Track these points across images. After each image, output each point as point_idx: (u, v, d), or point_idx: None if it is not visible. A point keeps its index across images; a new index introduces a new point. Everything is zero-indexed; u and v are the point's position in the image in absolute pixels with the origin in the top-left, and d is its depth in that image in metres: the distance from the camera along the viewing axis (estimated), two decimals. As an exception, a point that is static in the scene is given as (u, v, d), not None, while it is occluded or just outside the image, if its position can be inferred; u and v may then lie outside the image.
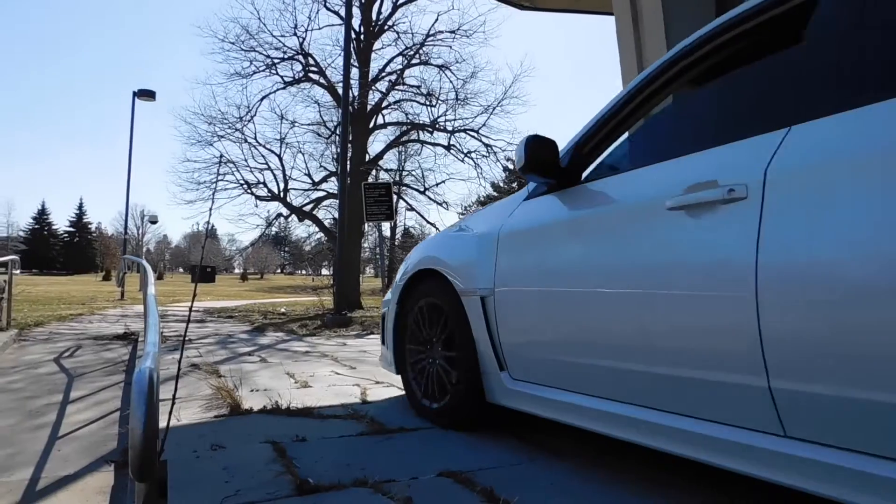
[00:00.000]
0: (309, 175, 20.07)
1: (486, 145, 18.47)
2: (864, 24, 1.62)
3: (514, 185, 31.24)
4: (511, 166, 25.89)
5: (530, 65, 32.03)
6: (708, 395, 1.77)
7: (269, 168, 19.45)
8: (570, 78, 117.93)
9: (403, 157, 22.63)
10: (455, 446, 2.80)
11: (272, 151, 19.47)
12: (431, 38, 18.44)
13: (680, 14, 7.06)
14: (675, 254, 1.86)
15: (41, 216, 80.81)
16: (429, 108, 18.76)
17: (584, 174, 2.41)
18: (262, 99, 18.89)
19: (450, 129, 18.69)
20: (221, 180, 18.81)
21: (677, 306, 1.84)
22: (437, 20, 19.83)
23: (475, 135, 18.56)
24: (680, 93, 2.44)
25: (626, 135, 2.46)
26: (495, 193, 27.95)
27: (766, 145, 1.65)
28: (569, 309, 2.29)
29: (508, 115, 19.03)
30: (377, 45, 18.84)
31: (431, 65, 18.70)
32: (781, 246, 1.54)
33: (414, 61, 18.82)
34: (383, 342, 3.62)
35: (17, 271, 9.15)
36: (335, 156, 20.90)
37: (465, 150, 18.78)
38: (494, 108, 18.33)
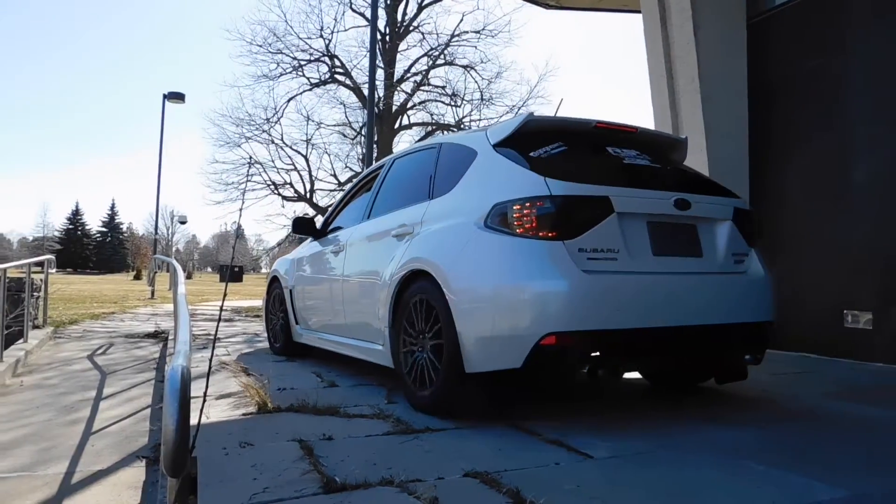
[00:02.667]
0: (335, 175, 20.17)
1: None
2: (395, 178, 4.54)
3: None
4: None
5: (555, 64, 31.68)
6: (363, 329, 4.25)
7: (295, 169, 19.59)
8: (592, 76, 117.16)
9: (430, 158, 22.70)
10: (481, 446, 2.80)
11: (298, 152, 19.62)
12: (456, 38, 18.45)
13: (708, 9, 6.97)
14: (383, 256, 4.01)
15: (75, 217, 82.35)
16: (454, 108, 18.76)
17: (327, 230, 5.30)
18: (288, 100, 19.01)
19: (475, 129, 18.78)
20: (248, 181, 19.02)
21: (365, 285, 4.28)
22: (461, 20, 19.87)
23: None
24: (358, 197, 5.12)
25: (341, 214, 5.25)
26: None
27: (419, 210, 3.85)
28: (315, 292, 5.20)
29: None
30: (402, 46, 18.92)
31: (456, 65, 18.71)
32: (420, 250, 3.62)
33: (439, 62, 18.85)
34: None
35: (53, 270, 9.35)
36: (360, 156, 20.97)
37: (491, 150, 18.80)
38: (519, 108, 18.28)
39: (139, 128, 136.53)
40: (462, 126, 18.56)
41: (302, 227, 5.48)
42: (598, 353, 3.01)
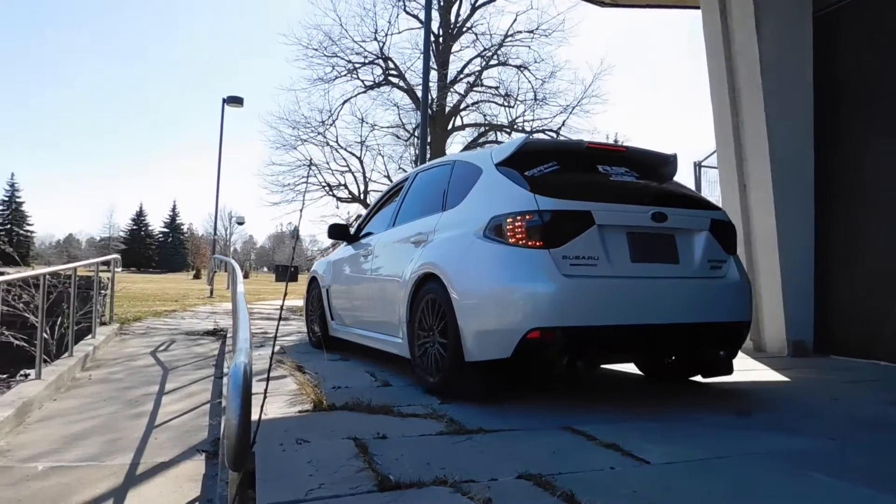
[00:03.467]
0: (388, 177, 20.33)
1: None
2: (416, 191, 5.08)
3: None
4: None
5: (609, 63, 31.09)
6: (386, 323, 4.67)
7: (349, 170, 19.82)
8: (647, 73, 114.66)
9: (482, 159, 22.62)
10: (535, 448, 2.78)
11: (353, 154, 19.83)
12: (510, 38, 18.34)
13: (772, 3, 6.75)
14: (403, 260, 4.51)
15: (139, 218, 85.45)
16: (507, 108, 18.61)
17: (359, 235, 5.75)
18: (343, 103, 19.20)
19: (528, 129, 18.47)
20: (303, 182, 19.33)
21: (388, 285, 4.71)
22: (515, 20, 19.56)
23: (554, 135, 18.29)
24: (387, 205, 5.64)
25: (372, 221, 5.72)
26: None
27: (434, 220, 4.34)
28: (348, 291, 5.71)
29: (588, 114, 18.54)
30: (455, 47, 18.94)
31: (510, 65, 18.58)
32: (431, 255, 4.11)
33: (492, 62, 18.78)
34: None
35: (119, 269, 9.72)
36: (413, 157, 21.07)
37: (545, 152, 18.59)
38: (574, 108, 17.99)
39: (199, 131, 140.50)
40: (515, 127, 18.45)
41: (336, 233, 6.00)
42: (576, 346, 3.53)
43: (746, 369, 5.33)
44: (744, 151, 6.92)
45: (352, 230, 5.99)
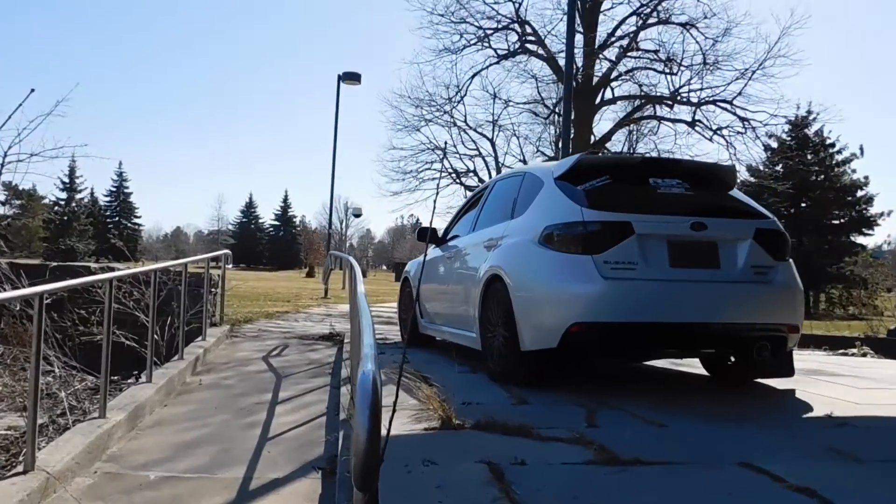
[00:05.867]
0: (524, 161, 20.34)
1: (742, 119, 17.10)
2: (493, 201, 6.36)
3: (779, 167, 28.97)
4: (773, 144, 24.06)
5: (804, 13, 28.52)
6: (463, 320, 6.05)
7: (479, 154, 20.00)
8: (855, 24, 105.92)
9: (636, 137, 22.01)
10: (708, 486, 2.69)
11: (483, 135, 19.99)
12: (673, -11, 17.71)
13: None
14: (478, 262, 5.78)
15: (248, 209, 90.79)
16: (668, 76, 17.87)
17: (447, 238, 7.04)
18: (473, 76, 19.31)
19: (694, 100, 17.63)
20: (428, 169, 19.71)
21: (466, 285, 6.01)
22: (679, -34, 18.82)
23: (727, 107, 17.35)
24: (470, 210, 6.85)
25: (457, 224, 7.02)
26: (752, 179, 25.92)
27: (503, 227, 5.61)
28: (435, 290, 7.14)
29: (772, 79, 17.15)
30: (605, 4, 18.48)
31: (672, 23, 17.83)
32: (498, 259, 5.39)
33: (650, 21, 18.13)
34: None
35: (230, 266, 10.41)
36: (554, 138, 20.93)
37: (714, 127, 17.64)
38: (754, 72, 16.87)
39: (311, 112, 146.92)
40: (679, 97, 17.72)
41: (425, 236, 7.47)
42: (614, 339, 4.63)
43: None
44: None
45: (440, 233, 7.35)
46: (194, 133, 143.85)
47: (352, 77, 21.26)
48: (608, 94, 19.26)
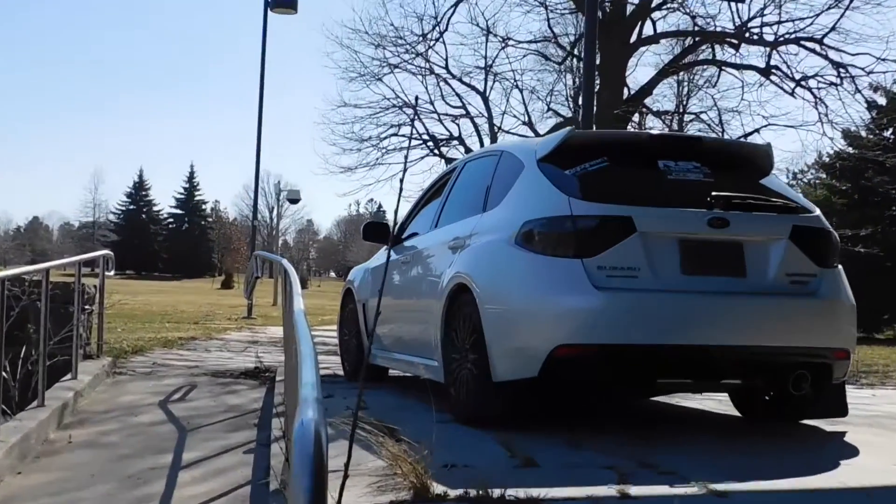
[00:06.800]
0: (529, 123, 20.22)
1: (836, 65, 17.04)
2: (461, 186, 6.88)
3: (889, 132, 29.05)
4: (881, 100, 24.01)
5: None
6: (423, 345, 6.42)
7: (466, 114, 19.64)
8: None
9: (687, 90, 22.08)
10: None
11: (471, 87, 19.69)
12: None
13: None
14: (440, 269, 6.26)
15: (138, 192, 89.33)
16: (734, 3, 17.91)
17: (402, 237, 7.55)
18: (456, 3, 19.06)
19: (770, 38, 17.60)
20: (395, 134, 19.37)
21: (425, 298, 6.49)
22: None
23: (816, 47, 17.29)
24: (433, 200, 7.35)
25: (416, 219, 7.60)
26: (849, 150, 25.87)
27: (473, 222, 6.00)
28: (387, 306, 6.09)
29: (879, 7, 17.04)
30: None
31: (738, -72, 17.99)
32: (463, 263, 5.78)
33: (707, -77, 18.20)
34: None
35: (111, 272, 10.20)
36: (572, 91, 20.81)
37: (797, 75, 17.56)
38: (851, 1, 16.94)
39: (227, 55, 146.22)
40: (747, 34, 17.64)
41: (374, 234, 7.75)
42: (612, 366, 4.93)
43: None
44: None
45: (396, 230, 7.46)
46: (59, 95, 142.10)
47: (284, 3, 21.06)
48: (648, 30, 19.18)
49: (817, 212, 5.58)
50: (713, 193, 5.23)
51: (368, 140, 19.47)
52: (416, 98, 19.79)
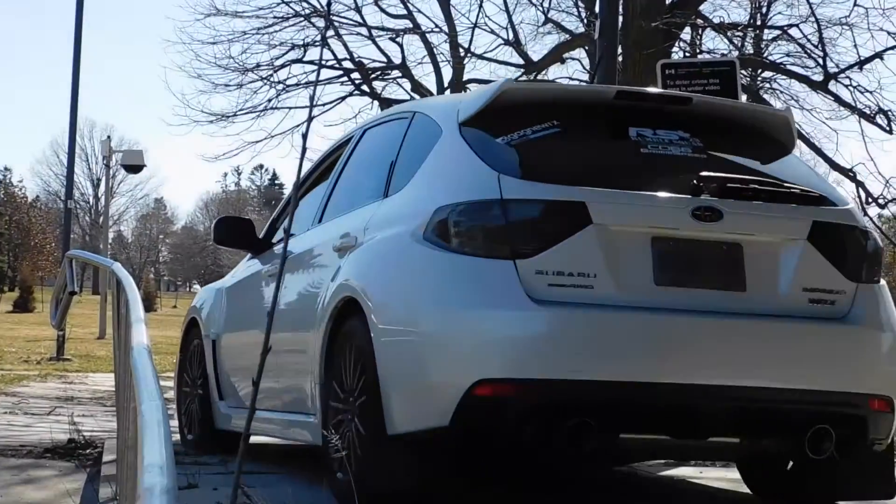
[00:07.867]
0: (515, 41, 15.70)
1: None
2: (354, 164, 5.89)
3: None
4: None
5: None
6: (295, 395, 5.40)
7: (414, 28, 15.54)
8: None
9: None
10: None
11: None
12: None
13: None
14: (321, 282, 5.12)
15: None
16: None
17: (273, 239, 6.40)
18: None
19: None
20: (297, 61, 14.91)
21: (298, 327, 5.36)
22: None
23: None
24: (320, 184, 6.29)
25: (293, 212, 5.44)
26: None
27: (369, 212, 4.94)
28: (247, 342, 6.16)
29: None
30: None
31: None
32: (352, 271, 4.69)
33: None
34: None
35: None
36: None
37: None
38: None
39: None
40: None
41: (231, 236, 6.68)
42: (555, 412, 3.86)
43: None
44: None
45: (265, 229, 6.62)
46: None
47: None
48: None
49: (850, 204, 4.61)
50: (702, 174, 4.29)
51: (256, 69, 15.85)
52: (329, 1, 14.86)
